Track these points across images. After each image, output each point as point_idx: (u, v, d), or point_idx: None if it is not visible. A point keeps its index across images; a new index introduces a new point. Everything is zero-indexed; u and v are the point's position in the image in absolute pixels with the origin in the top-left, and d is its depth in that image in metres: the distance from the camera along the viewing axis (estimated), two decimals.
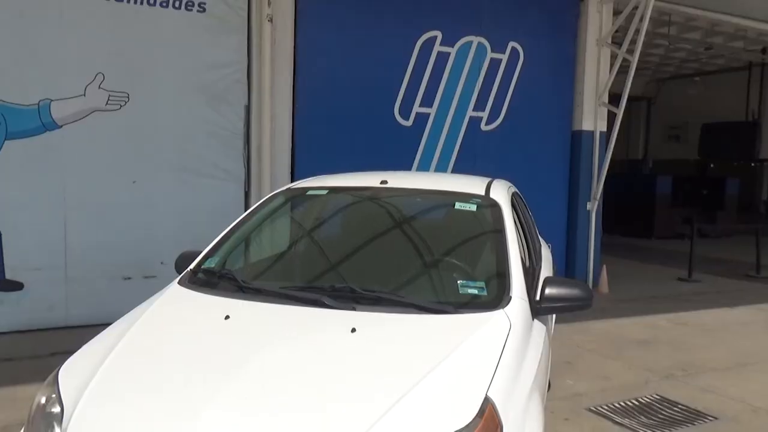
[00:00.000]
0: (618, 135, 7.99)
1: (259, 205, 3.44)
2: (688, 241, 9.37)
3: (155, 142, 5.92)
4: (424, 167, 7.34)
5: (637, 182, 14.60)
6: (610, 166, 8.16)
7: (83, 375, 2.07)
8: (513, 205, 3.34)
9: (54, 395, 2.02)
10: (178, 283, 2.84)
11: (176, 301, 2.65)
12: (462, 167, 7.41)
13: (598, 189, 8.24)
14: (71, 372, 2.13)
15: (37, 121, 5.47)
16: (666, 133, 17.90)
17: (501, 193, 3.29)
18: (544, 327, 2.84)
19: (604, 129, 8.36)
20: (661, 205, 13.91)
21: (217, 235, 3.20)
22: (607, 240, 9.81)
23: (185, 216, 6.04)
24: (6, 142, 5.39)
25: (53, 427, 1.91)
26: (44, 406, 2.01)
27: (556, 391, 4.48)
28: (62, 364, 2.22)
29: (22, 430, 2.08)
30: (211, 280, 2.84)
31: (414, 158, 7.29)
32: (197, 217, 6.01)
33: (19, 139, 5.43)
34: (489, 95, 7.67)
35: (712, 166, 16.39)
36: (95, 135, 5.67)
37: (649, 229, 13.83)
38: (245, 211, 3.88)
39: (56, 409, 1.96)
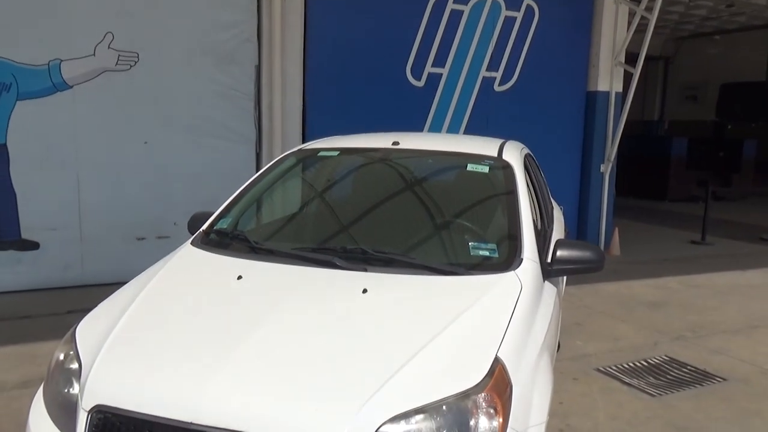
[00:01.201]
0: (634, 96, 7.85)
1: (270, 166, 3.44)
2: (703, 203, 9.28)
3: (165, 103, 5.90)
4: (435, 128, 7.27)
5: (652, 144, 14.39)
6: (624, 127, 8.04)
7: (99, 332, 2.11)
8: (525, 167, 3.32)
9: (72, 352, 2.06)
10: (191, 243, 2.86)
11: (189, 262, 2.67)
12: (474, 129, 7.33)
13: (612, 151, 8.14)
14: (88, 330, 2.18)
15: (48, 82, 5.46)
16: (683, 94, 17.54)
17: (514, 154, 3.26)
18: (554, 289, 2.85)
19: (620, 89, 8.21)
20: (676, 168, 13.73)
21: (229, 196, 3.21)
22: (620, 202, 9.75)
23: (197, 177, 6.06)
24: (18, 102, 5.40)
25: (71, 382, 1.96)
26: (62, 362, 2.06)
27: (565, 351, 4.52)
28: (79, 322, 2.26)
29: (42, 385, 2.14)
30: (223, 240, 2.86)
31: (426, 119, 7.22)
32: (209, 178, 6.03)
33: (31, 99, 5.43)
34: (503, 55, 7.53)
35: (729, 127, 16.09)
36: (106, 95, 5.66)
37: (663, 192, 13.70)
38: (256, 172, 3.88)
39: (74, 366, 2.00)
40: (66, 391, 1.96)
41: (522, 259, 2.51)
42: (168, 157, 5.98)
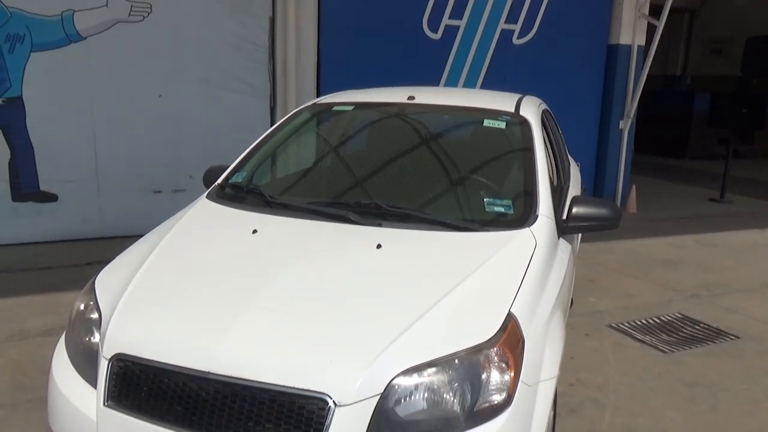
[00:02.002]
0: (656, 49, 7.63)
1: (284, 120, 3.41)
2: (723, 161, 9.12)
3: (179, 56, 5.85)
4: (452, 83, 7.15)
5: (673, 99, 14.06)
6: (645, 82, 7.85)
7: (118, 284, 2.15)
8: (543, 123, 3.26)
9: (91, 303, 2.10)
10: (206, 197, 2.88)
11: (205, 215, 2.69)
12: (491, 83, 7.20)
13: (632, 106, 7.98)
14: (107, 281, 2.22)
15: (61, 33, 5.42)
16: (708, 48, 17.02)
17: (531, 110, 3.21)
18: (569, 246, 2.84)
19: (643, 43, 7.98)
20: (697, 124, 13.44)
21: (244, 150, 3.21)
22: (639, 159, 9.61)
23: (212, 130, 6.05)
24: (31, 54, 5.38)
25: (92, 332, 2.01)
26: (83, 312, 2.11)
27: (578, 308, 4.54)
28: (98, 273, 2.30)
29: (64, 333, 2.19)
30: (238, 194, 2.87)
31: (442, 73, 7.10)
32: (223, 132, 6.02)
33: (45, 51, 5.40)
34: (522, 6, 7.32)
35: (754, 82, 15.64)
36: (119, 47, 5.61)
37: (683, 149, 13.47)
38: (271, 125, 3.86)
39: (94, 316, 2.04)
40: (87, 339, 2.01)
41: (537, 216, 2.50)
42: (182, 110, 5.96)
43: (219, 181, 3.01)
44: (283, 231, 2.45)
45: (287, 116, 3.46)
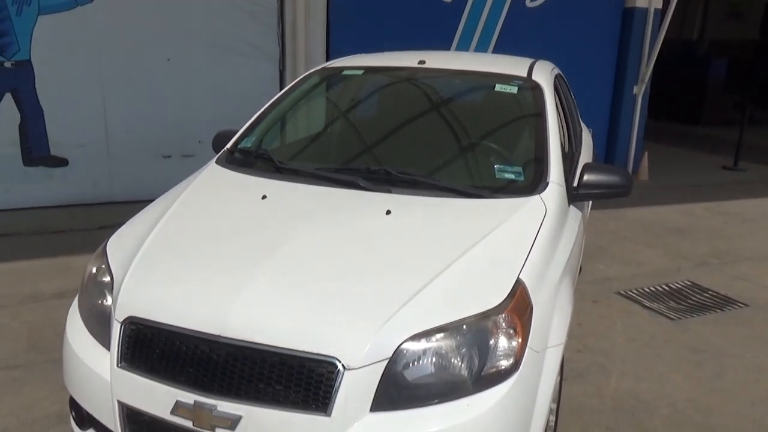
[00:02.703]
0: (673, 13, 7.45)
1: (293, 84, 3.38)
2: (738, 127, 8.98)
3: (187, 19, 5.78)
4: (463, 47, 7.04)
5: (688, 64, 13.77)
6: (661, 46, 7.69)
7: (129, 247, 2.16)
8: (555, 88, 3.22)
9: (103, 266, 2.13)
10: (216, 162, 2.88)
11: (214, 180, 2.70)
12: (504, 47, 7.08)
13: (647, 71, 7.84)
14: (118, 245, 2.23)
15: None
16: (726, 11, 16.59)
17: (544, 75, 3.16)
18: (579, 213, 2.83)
19: (659, 6, 7.79)
20: (713, 90, 13.19)
21: (253, 115, 3.19)
22: (652, 125, 9.48)
23: (221, 95, 6.02)
24: (39, 17, 5.34)
25: (104, 295, 2.04)
26: (95, 275, 2.13)
27: (586, 275, 4.54)
28: (109, 237, 2.32)
29: (77, 296, 2.23)
30: (247, 159, 2.87)
31: (453, 37, 6.98)
32: (232, 96, 5.99)
33: (53, 14, 5.36)
34: None
35: None
36: (127, 10, 5.56)
37: (698, 115, 13.25)
38: (280, 90, 3.83)
39: (106, 279, 2.07)
40: (99, 302, 2.04)
41: (548, 183, 2.48)
42: (191, 74, 5.93)
43: (228, 146, 3.00)
44: (293, 197, 2.45)
45: (296, 80, 3.43)
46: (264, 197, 2.41)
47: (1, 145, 5.49)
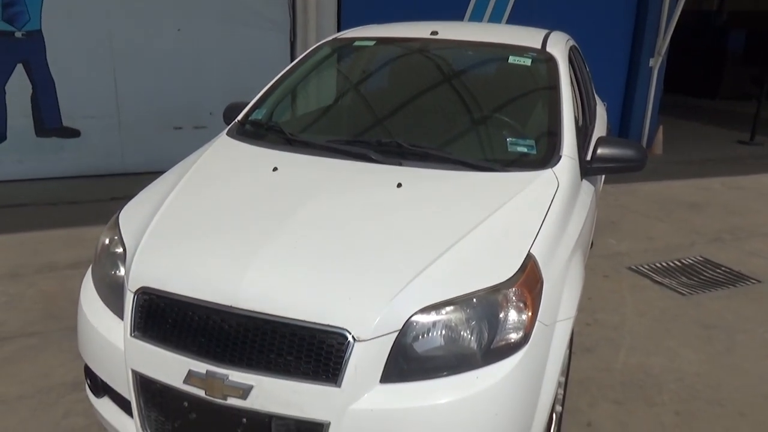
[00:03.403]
0: None
1: (305, 56, 3.35)
2: (755, 101, 8.82)
3: None
4: (476, 18, 6.93)
5: (707, 36, 13.49)
6: (679, 18, 7.52)
7: (141, 219, 2.18)
8: (570, 60, 3.16)
9: (116, 237, 2.14)
10: (227, 134, 2.87)
11: (225, 152, 2.69)
12: (518, 18, 6.96)
13: (663, 44, 7.69)
14: (130, 216, 2.25)
15: None
16: None
17: (558, 47, 3.10)
18: (592, 187, 2.80)
19: None
20: (731, 63, 12.94)
21: (264, 86, 3.17)
22: (667, 99, 9.35)
23: (231, 66, 5.99)
24: None
25: (117, 265, 2.05)
26: (108, 246, 2.15)
27: (598, 249, 4.53)
28: (122, 208, 2.34)
29: (91, 267, 2.25)
30: (258, 131, 2.86)
31: (466, 7, 6.87)
32: (243, 68, 5.96)
33: None
34: None
35: None
36: None
37: (715, 89, 13.03)
38: (291, 61, 3.80)
39: (119, 250, 2.09)
40: (113, 273, 2.06)
41: (560, 157, 2.45)
42: (201, 45, 5.89)
43: (239, 118, 2.99)
44: (304, 169, 2.44)
45: (307, 52, 3.39)
46: (275, 169, 2.40)
47: (13, 116, 5.51)
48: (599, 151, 2.59)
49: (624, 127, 8.11)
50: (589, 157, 2.64)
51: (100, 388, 2.07)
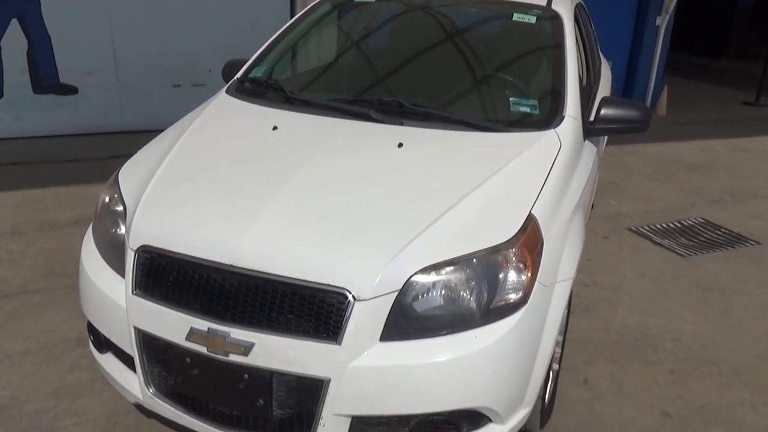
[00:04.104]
0: None
1: (304, 12, 3.29)
2: (762, 61, 8.70)
3: None
4: None
5: None
6: None
7: (141, 177, 2.17)
8: (575, 18, 3.10)
9: (116, 195, 2.14)
10: (226, 92, 2.84)
11: (225, 110, 2.67)
12: None
13: (671, 2, 7.52)
14: (130, 174, 2.24)
15: None
16: None
17: (564, 4, 3.04)
18: (594, 148, 2.78)
19: None
20: (739, 21, 12.69)
21: (263, 44, 3.12)
22: (673, 58, 9.20)
23: (230, 23, 5.88)
24: None
25: (118, 224, 2.06)
26: (108, 204, 2.15)
27: (598, 210, 4.53)
28: (121, 166, 2.33)
29: (91, 225, 2.25)
30: (258, 89, 2.83)
31: None
32: (242, 24, 5.85)
33: None
34: None
35: None
36: None
37: (722, 48, 12.81)
38: (291, 18, 3.72)
39: (119, 208, 2.08)
40: (113, 231, 2.06)
41: (563, 117, 2.43)
42: (200, 1, 5.77)
43: (238, 75, 2.95)
44: (304, 128, 2.42)
45: (307, 8, 3.32)
46: (275, 128, 2.38)
47: (10, 73, 5.44)
48: (603, 111, 2.56)
49: (629, 87, 8.01)
50: (592, 118, 2.61)
51: (103, 344, 2.10)
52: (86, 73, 5.63)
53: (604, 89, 3.56)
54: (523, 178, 2.07)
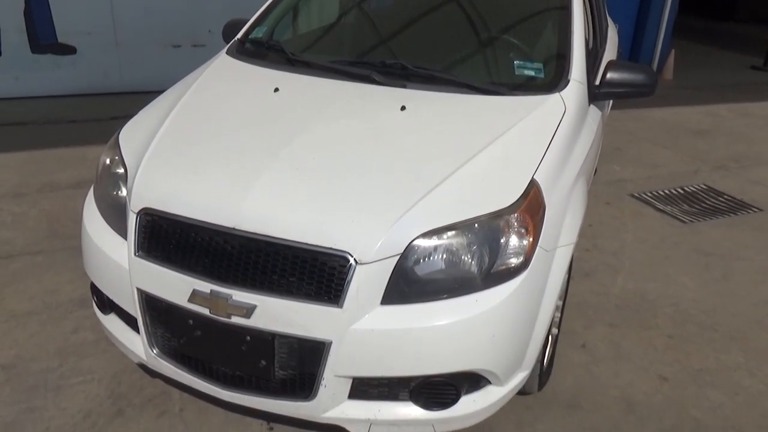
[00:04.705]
0: None
1: None
2: None
3: None
4: None
5: None
6: None
7: (142, 139, 2.15)
8: None
9: (117, 157, 2.13)
10: (226, 52, 2.80)
11: (225, 72, 2.63)
12: None
13: None
14: (130, 136, 2.22)
15: None
16: None
17: None
18: (599, 113, 2.76)
19: None
20: None
21: (264, 4, 3.06)
22: (681, 21, 9.03)
23: None
24: None
25: (119, 186, 2.05)
26: (109, 167, 2.14)
27: (601, 175, 4.51)
28: (121, 127, 2.31)
29: (92, 187, 2.25)
30: (259, 50, 2.79)
31: None
32: None
33: None
34: None
35: None
36: None
37: (731, 10, 12.57)
38: None
39: (120, 170, 2.07)
40: (115, 194, 2.06)
41: (569, 81, 2.40)
42: None
43: (239, 36, 2.90)
44: (305, 90, 2.39)
45: None
46: (276, 90, 2.36)
47: (7, 32, 5.36)
48: (609, 75, 2.52)
49: (635, 51, 7.89)
50: (597, 82, 2.58)
51: (107, 305, 2.11)
52: (85, 32, 5.55)
53: (610, 52, 3.50)
54: (526, 143, 2.06)
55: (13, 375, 2.37)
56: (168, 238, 1.84)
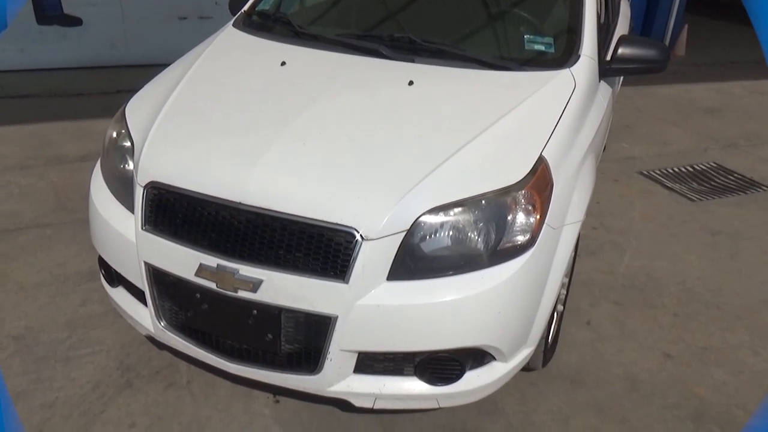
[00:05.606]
0: None
1: None
2: None
3: None
4: None
5: None
6: None
7: (148, 112, 2.14)
8: None
9: (123, 131, 2.12)
10: (233, 25, 2.77)
11: (232, 44, 2.61)
12: None
13: None
14: (137, 109, 2.21)
15: None
16: None
17: None
18: (609, 89, 2.72)
19: None
20: None
21: None
22: None
23: None
24: None
25: (126, 159, 2.05)
26: (115, 140, 2.13)
27: (610, 153, 4.48)
28: (128, 101, 2.30)
29: (99, 160, 2.25)
30: (265, 23, 2.75)
31: None
32: None
33: None
34: None
35: None
36: None
37: None
38: None
39: (127, 144, 2.07)
40: (121, 167, 2.05)
41: (579, 56, 2.36)
42: None
43: (245, 8, 2.87)
44: (313, 64, 2.37)
45: None
46: (283, 63, 2.33)
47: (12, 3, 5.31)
48: (620, 50, 2.48)
49: (647, 26, 7.76)
50: (608, 57, 2.54)
51: (115, 278, 2.13)
52: (90, 3, 5.50)
53: (621, 27, 3.45)
54: (535, 119, 2.03)
55: (23, 346, 2.40)
56: (175, 212, 1.84)
